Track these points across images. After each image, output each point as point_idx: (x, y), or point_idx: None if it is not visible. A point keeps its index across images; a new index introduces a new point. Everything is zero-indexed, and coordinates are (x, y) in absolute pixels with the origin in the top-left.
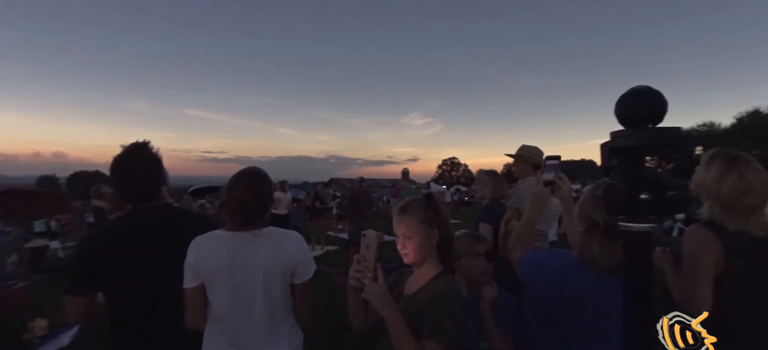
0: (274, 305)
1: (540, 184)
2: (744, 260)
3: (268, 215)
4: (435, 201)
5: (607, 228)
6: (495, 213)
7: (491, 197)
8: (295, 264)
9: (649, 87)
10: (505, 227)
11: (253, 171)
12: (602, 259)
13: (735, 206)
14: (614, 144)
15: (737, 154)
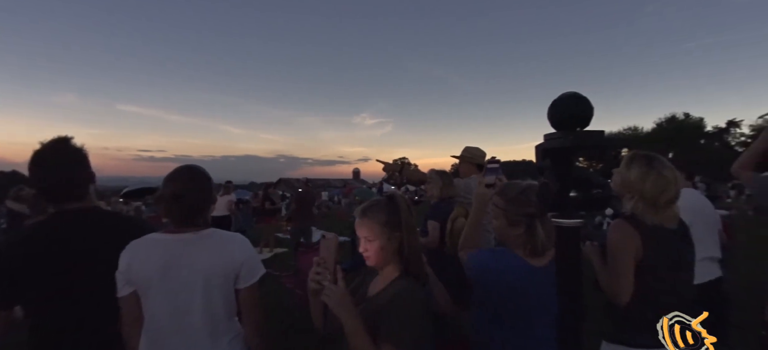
0: (216, 312)
1: (482, 187)
2: (659, 249)
3: (208, 215)
4: (396, 203)
5: (535, 222)
6: (443, 211)
7: (440, 196)
8: (239, 267)
9: (578, 93)
10: (452, 224)
11: (190, 167)
12: (531, 250)
13: (656, 201)
14: (547, 145)
15: (653, 154)
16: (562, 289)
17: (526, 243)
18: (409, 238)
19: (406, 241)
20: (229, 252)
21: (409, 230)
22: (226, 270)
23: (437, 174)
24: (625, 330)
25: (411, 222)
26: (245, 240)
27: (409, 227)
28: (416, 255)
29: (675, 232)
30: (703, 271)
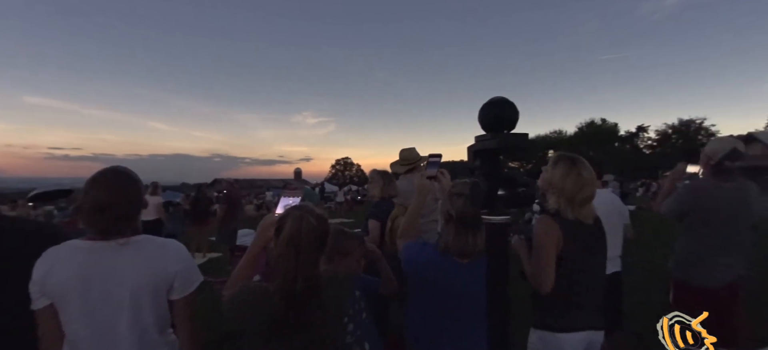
0: (146, 327)
1: (423, 179)
2: (577, 242)
3: (138, 221)
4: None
5: (460, 219)
6: (383, 211)
7: (381, 195)
8: (172, 278)
9: (505, 98)
10: (392, 223)
11: (116, 170)
12: (456, 246)
13: (574, 198)
14: (477, 146)
15: (576, 156)
16: (492, 281)
17: (454, 241)
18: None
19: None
20: (161, 261)
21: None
22: (157, 281)
23: (379, 174)
24: (549, 316)
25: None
26: (181, 247)
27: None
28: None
29: (591, 227)
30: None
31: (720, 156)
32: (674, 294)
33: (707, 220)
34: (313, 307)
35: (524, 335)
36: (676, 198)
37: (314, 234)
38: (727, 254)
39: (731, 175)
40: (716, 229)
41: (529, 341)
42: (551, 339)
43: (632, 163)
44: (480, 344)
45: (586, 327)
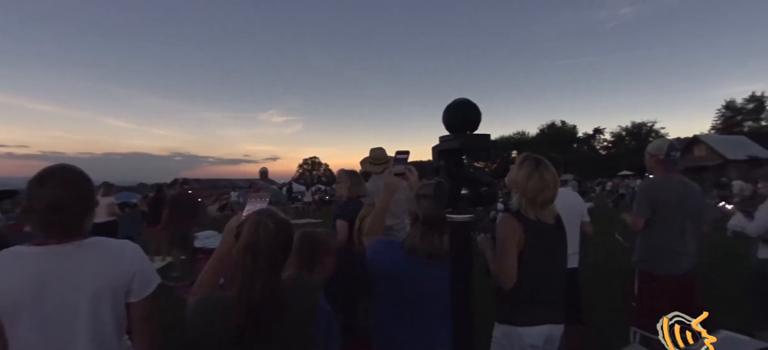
0: (105, 333)
1: (391, 175)
2: (538, 240)
3: (89, 223)
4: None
5: (426, 220)
6: (351, 210)
7: (349, 195)
8: (131, 279)
9: (468, 100)
10: (361, 223)
11: (65, 168)
12: (422, 247)
13: (536, 199)
14: (441, 147)
15: (540, 158)
16: (455, 278)
17: (421, 242)
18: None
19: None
20: (120, 262)
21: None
22: (116, 283)
23: (346, 174)
24: (512, 311)
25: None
26: (136, 247)
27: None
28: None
29: (551, 226)
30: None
31: (666, 148)
32: (639, 284)
33: (663, 214)
34: (275, 315)
35: (490, 330)
36: (642, 198)
37: (274, 240)
38: (683, 244)
39: (677, 163)
40: (672, 222)
41: (493, 336)
42: (513, 333)
43: (590, 162)
44: (446, 342)
45: (546, 321)
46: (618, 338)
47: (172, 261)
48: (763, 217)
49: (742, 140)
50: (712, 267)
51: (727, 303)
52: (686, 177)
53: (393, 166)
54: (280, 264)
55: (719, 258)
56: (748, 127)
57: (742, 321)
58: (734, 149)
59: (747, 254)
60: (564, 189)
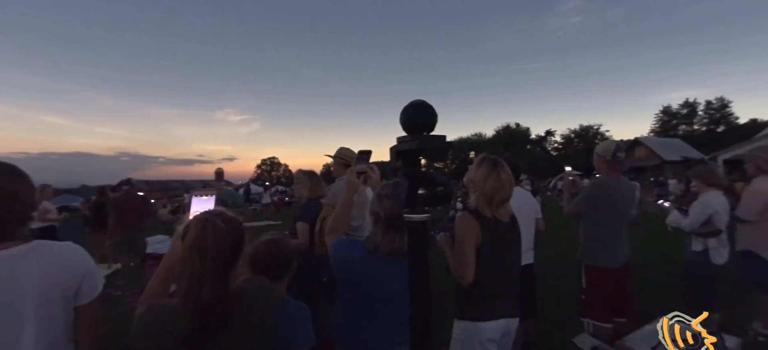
0: (54, 339)
1: (353, 174)
2: (494, 238)
3: (27, 227)
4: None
5: (388, 220)
6: (312, 212)
7: (308, 196)
8: (80, 281)
9: (424, 101)
10: (321, 224)
11: (1, 165)
12: (384, 246)
13: (493, 198)
14: (398, 147)
15: (498, 159)
16: (413, 277)
17: (369, 237)
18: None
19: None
20: (68, 263)
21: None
22: (67, 286)
23: (305, 174)
24: (470, 307)
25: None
26: (81, 248)
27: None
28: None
29: (507, 224)
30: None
31: (613, 149)
32: (586, 276)
33: (607, 212)
34: (225, 321)
35: (451, 327)
36: (585, 195)
37: (223, 239)
38: (622, 239)
39: (623, 164)
40: (613, 219)
41: (453, 332)
42: (472, 328)
43: (542, 163)
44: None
45: (503, 315)
46: (573, 330)
47: (120, 268)
48: (696, 214)
49: (677, 142)
50: (653, 260)
51: (666, 292)
52: (628, 178)
53: (355, 164)
54: (231, 265)
55: (659, 252)
56: (682, 130)
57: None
58: (670, 151)
59: (682, 247)
60: (518, 188)
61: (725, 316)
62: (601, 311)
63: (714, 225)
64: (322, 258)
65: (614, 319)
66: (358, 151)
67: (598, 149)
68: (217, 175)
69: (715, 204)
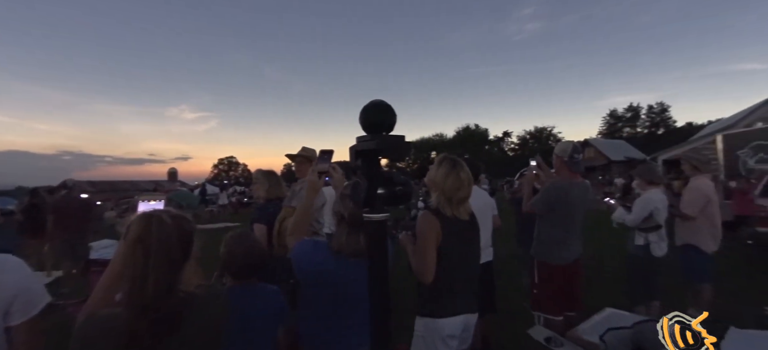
0: None
1: (314, 174)
2: (454, 236)
3: None
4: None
5: (351, 220)
6: (269, 213)
7: (266, 197)
8: (11, 298)
9: (383, 101)
10: (280, 225)
11: None
12: (349, 247)
13: (453, 197)
14: (357, 147)
15: (457, 159)
16: (372, 277)
17: (333, 238)
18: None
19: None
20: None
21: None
22: None
23: (263, 174)
24: (431, 304)
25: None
26: (19, 261)
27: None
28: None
29: (466, 222)
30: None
31: (570, 151)
32: (538, 272)
33: (561, 212)
34: (176, 325)
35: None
36: (543, 197)
37: (168, 234)
38: (573, 238)
39: (580, 166)
40: (567, 218)
41: (414, 329)
42: (432, 324)
43: (500, 163)
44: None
45: (463, 311)
46: (528, 323)
47: (62, 275)
48: (638, 211)
49: (622, 144)
50: (601, 254)
51: (612, 284)
52: (583, 177)
53: (317, 164)
54: (178, 263)
55: (606, 246)
56: (626, 132)
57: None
58: (616, 151)
59: (627, 242)
60: (476, 187)
61: (664, 304)
62: (552, 305)
63: (655, 220)
64: (281, 261)
65: (564, 313)
66: (320, 150)
67: (557, 150)
68: (170, 175)
69: (655, 200)
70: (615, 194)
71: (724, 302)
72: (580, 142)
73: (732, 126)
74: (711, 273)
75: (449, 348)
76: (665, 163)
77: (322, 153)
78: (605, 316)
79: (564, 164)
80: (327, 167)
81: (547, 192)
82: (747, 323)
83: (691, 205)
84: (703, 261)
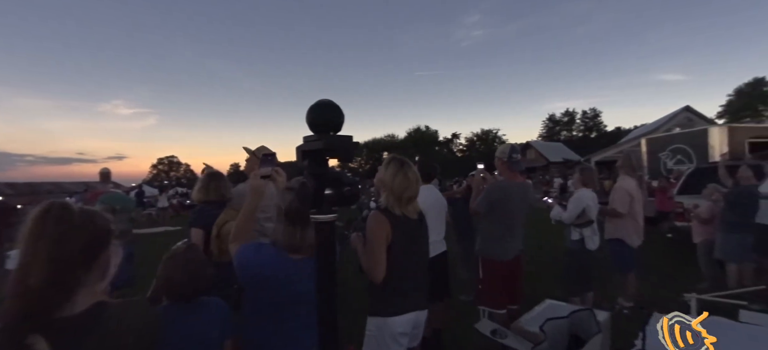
0: None
1: (257, 178)
2: (403, 234)
3: None
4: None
5: (288, 214)
6: (207, 216)
7: (205, 199)
8: None
9: (331, 101)
10: (219, 229)
11: None
12: (285, 240)
13: (402, 196)
14: (305, 147)
15: (404, 159)
16: (320, 278)
17: (283, 236)
18: None
19: None
20: None
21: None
22: None
23: (207, 175)
24: (381, 303)
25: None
26: None
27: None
28: None
29: (415, 221)
30: (434, 249)
31: (508, 152)
32: (482, 267)
33: (503, 210)
34: (77, 339)
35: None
36: (484, 198)
37: (68, 231)
38: (514, 234)
39: (519, 165)
40: (508, 216)
41: (366, 329)
42: (384, 324)
43: (449, 164)
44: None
45: (413, 309)
46: (474, 318)
47: None
48: (572, 208)
49: (560, 146)
50: (539, 249)
51: (551, 277)
52: (524, 177)
53: (259, 168)
54: (80, 265)
55: (545, 242)
56: (563, 135)
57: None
58: (554, 153)
59: (563, 237)
60: (428, 186)
61: (597, 294)
62: (495, 299)
63: (587, 216)
64: (221, 267)
65: (508, 306)
66: (263, 153)
67: (498, 152)
68: (103, 176)
69: (586, 199)
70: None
71: (648, 290)
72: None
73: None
74: (636, 265)
75: (400, 345)
76: (597, 164)
77: (264, 156)
78: (545, 308)
79: (504, 165)
80: (270, 171)
81: (488, 192)
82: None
83: (621, 203)
84: (629, 254)
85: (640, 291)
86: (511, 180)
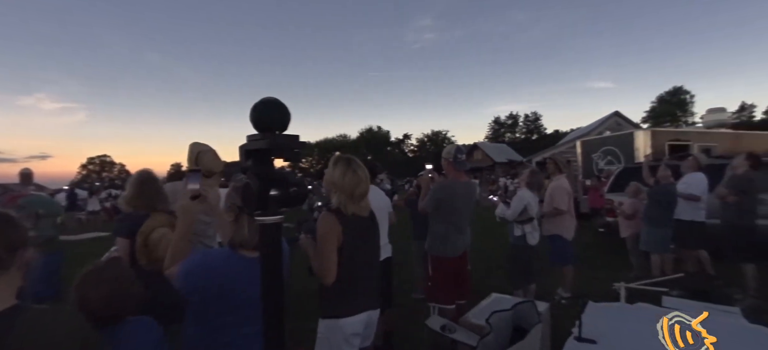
0: None
1: (186, 198)
2: (355, 234)
3: None
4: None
5: (239, 212)
6: (134, 223)
7: (134, 205)
8: None
9: (277, 99)
10: (146, 238)
11: None
12: (253, 240)
13: (353, 194)
14: (248, 146)
15: (351, 157)
16: (265, 281)
17: (233, 236)
18: None
19: None
20: None
21: None
22: None
23: (134, 178)
24: (333, 304)
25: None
26: None
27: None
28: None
29: (366, 219)
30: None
31: (454, 152)
32: (431, 264)
33: (449, 208)
34: None
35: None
36: (431, 197)
37: None
38: (461, 232)
39: (464, 164)
40: (455, 215)
41: (318, 331)
42: (335, 325)
43: (400, 164)
44: None
45: (365, 308)
46: (425, 314)
47: None
48: (515, 206)
49: (505, 147)
50: (485, 245)
51: (497, 271)
52: (470, 177)
53: (187, 185)
54: None
55: (490, 238)
56: (507, 137)
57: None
58: (499, 154)
59: (507, 233)
60: (373, 186)
61: (538, 287)
62: (444, 295)
63: (528, 213)
64: (152, 277)
65: (456, 301)
66: (188, 169)
67: (444, 153)
68: (23, 177)
69: (527, 197)
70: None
71: (583, 281)
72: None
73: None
74: (572, 257)
75: (352, 346)
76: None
77: (191, 172)
78: (491, 301)
79: (450, 165)
80: (198, 188)
81: (434, 191)
82: (601, 297)
83: (562, 201)
84: (568, 248)
85: (576, 282)
86: (457, 179)
